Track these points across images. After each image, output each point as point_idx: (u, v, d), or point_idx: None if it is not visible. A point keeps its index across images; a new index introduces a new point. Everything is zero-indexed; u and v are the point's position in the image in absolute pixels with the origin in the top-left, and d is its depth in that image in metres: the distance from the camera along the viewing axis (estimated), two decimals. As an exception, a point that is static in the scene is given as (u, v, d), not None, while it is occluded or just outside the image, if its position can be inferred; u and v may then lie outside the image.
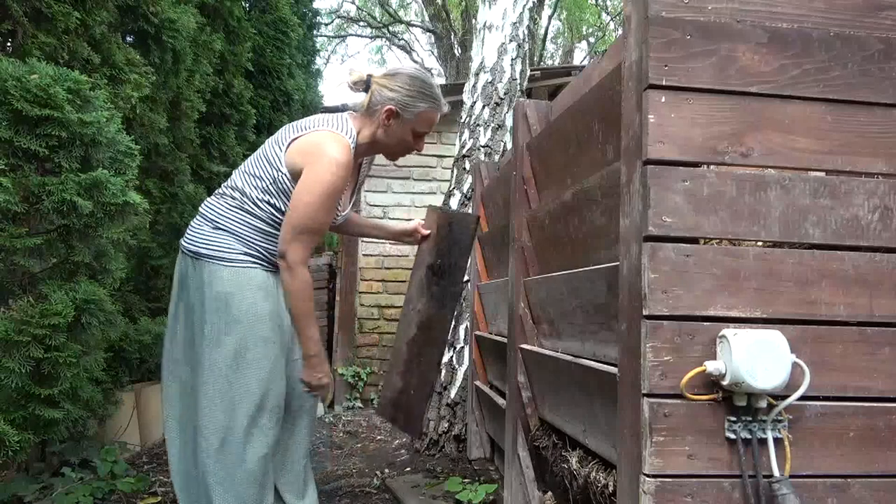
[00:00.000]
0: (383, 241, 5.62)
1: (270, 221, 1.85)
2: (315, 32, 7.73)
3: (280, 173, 1.81)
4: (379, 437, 4.21)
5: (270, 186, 1.83)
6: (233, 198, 1.87)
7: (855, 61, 1.21)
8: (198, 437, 1.82)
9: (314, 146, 1.78)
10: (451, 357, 3.46)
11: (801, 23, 1.20)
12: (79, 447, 2.86)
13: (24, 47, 2.47)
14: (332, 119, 1.86)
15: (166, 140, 3.60)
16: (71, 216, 2.25)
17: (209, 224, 1.87)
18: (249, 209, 1.84)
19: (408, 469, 3.23)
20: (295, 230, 1.74)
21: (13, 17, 2.41)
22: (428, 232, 2.20)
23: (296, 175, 1.79)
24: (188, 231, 1.91)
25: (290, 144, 1.81)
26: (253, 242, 1.85)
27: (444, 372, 3.46)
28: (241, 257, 1.84)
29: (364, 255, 5.40)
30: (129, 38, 3.28)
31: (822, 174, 1.20)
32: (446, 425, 3.39)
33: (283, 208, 1.84)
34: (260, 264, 1.86)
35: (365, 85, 1.89)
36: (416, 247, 2.25)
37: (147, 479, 2.89)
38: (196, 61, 3.84)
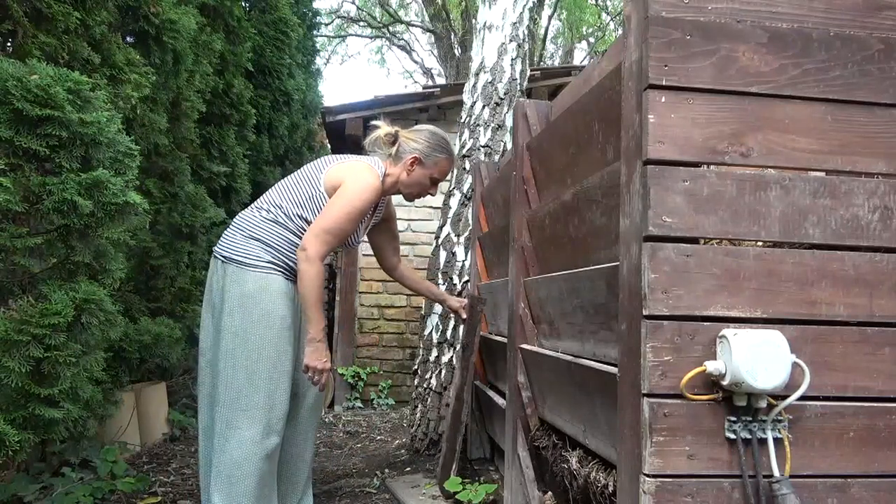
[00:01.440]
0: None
1: (299, 233, 2.08)
2: (315, 32, 7.72)
3: (318, 192, 2.09)
4: (379, 437, 4.21)
5: (306, 203, 2.10)
6: (268, 211, 2.11)
7: (855, 61, 1.21)
8: (214, 430, 2.02)
9: (353, 170, 2.11)
10: (451, 357, 3.46)
11: (801, 23, 1.20)
12: (79, 447, 2.86)
13: (24, 47, 2.47)
14: (367, 157, 2.22)
15: (166, 140, 3.59)
16: (71, 216, 2.25)
17: (242, 233, 2.09)
18: (283, 222, 2.09)
19: (408, 469, 3.23)
20: (320, 229, 2.00)
21: (13, 18, 2.41)
22: (465, 317, 2.71)
23: (331, 193, 2.08)
24: (221, 239, 2.15)
25: (329, 170, 2.12)
26: (280, 252, 2.07)
27: (443, 372, 3.46)
28: (266, 265, 2.05)
29: (364, 255, 5.40)
30: (129, 39, 3.28)
31: (822, 174, 1.20)
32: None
33: (312, 220, 2.09)
34: (282, 272, 2.07)
35: (393, 138, 2.24)
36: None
37: (147, 479, 2.89)
38: (196, 62, 3.84)
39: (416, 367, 3.66)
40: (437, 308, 3.55)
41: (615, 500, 1.34)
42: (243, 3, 5.11)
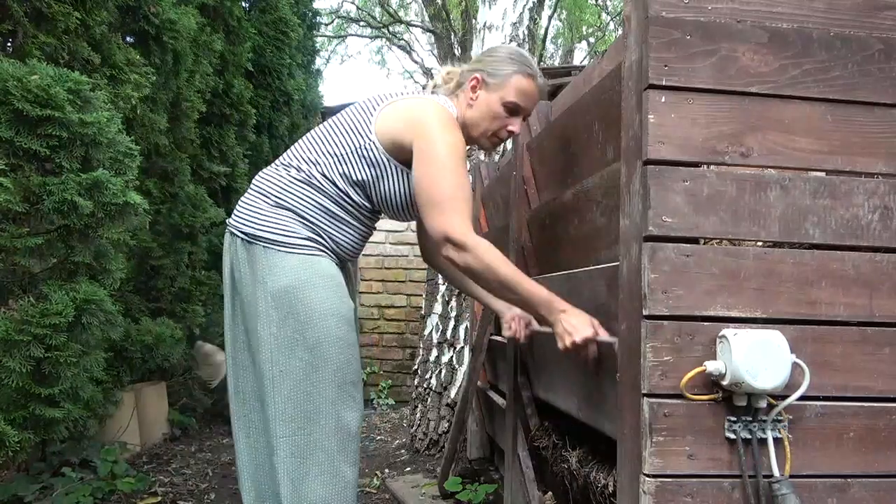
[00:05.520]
0: (383, 241, 5.63)
1: (340, 202, 1.58)
2: (315, 32, 7.71)
3: (368, 140, 1.56)
4: (379, 437, 4.21)
5: (351, 157, 1.56)
6: (298, 170, 1.57)
7: (855, 61, 1.21)
8: (273, 458, 1.55)
9: (417, 110, 1.55)
10: (451, 357, 3.46)
11: (801, 23, 1.20)
12: (79, 447, 2.86)
13: (24, 47, 2.47)
14: (423, 91, 1.67)
15: (166, 140, 3.60)
16: (71, 216, 2.25)
17: (267, 200, 1.57)
18: (318, 184, 1.56)
19: (408, 469, 3.23)
20: (445, 204, 1.46)
21: (13, 18, 2.41)
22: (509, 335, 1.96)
23: (388, 143, 1.56)
24: (239, 208, 1.61)
25: (380, 114, 1.58)
26: (319, 225, 1.56)
27: (443, 372, 3.46)
28: (307, 243, 1.54)
29: (364, 255, 5.40)
30: (129, 39, 3.28)
31: (822, 174, 1.20)
32: (446, 425, 3.39)
33: (361, 181, 1.59)
34: (327, 253, 1.58)
35: (454, 75, 1.73)
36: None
37: (147, 479, 2.90)
38: (196, 62, 3.84)
39: (416, 367, 3.66)
40: (437, 308, 3.56)
41: (615, 500, 1.34)
42: (243, 3, 5.11)
